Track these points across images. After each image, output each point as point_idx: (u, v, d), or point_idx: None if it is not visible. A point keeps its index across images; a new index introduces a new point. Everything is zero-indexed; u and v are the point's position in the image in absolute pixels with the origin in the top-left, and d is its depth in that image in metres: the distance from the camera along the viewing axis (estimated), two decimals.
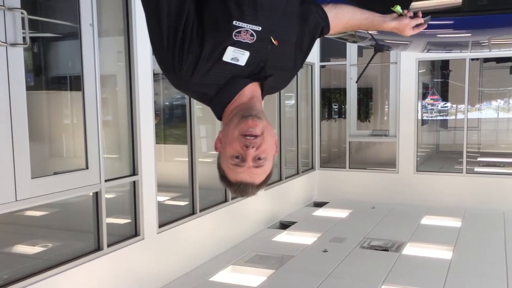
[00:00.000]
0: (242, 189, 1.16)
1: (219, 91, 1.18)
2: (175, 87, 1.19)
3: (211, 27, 1.11)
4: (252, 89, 1.20)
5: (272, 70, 1.24)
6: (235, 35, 1.12)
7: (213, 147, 1.22)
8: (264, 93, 1.24)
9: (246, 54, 1.14)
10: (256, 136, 1.11)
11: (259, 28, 1.15)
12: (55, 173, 3.89)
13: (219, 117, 1.23)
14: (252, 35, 1.14)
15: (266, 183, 1.20)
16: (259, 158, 1.13)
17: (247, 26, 1.14)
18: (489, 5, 2.58)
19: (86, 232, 4.31)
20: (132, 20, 4.47)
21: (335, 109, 10.37)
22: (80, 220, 4.39)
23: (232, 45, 1.13)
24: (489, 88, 12.59)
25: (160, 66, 1.15)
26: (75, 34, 3.97)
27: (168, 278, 5.02)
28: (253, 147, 1.11)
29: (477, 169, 9.17)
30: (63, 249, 4.20)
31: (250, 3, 1.14)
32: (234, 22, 1.12)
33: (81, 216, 4.38)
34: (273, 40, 1.20)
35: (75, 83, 4.16)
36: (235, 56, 1.13)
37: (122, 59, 4.56)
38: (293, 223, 7.31)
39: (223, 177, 1.18)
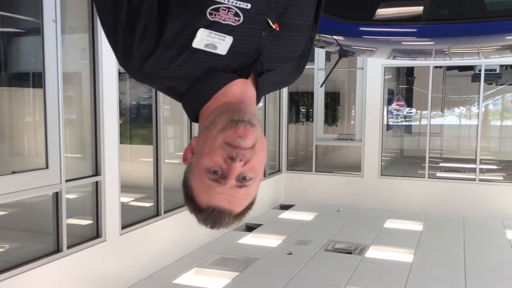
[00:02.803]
0: (215, 218, 0.88)
1: (191, 86, 0.90)
2: (131, 76, 0.91)
3: (177, 1, 0.83)
4: (242, 87, 0.92)
5: (272, 63, 0.95)
6: (210, 14, 0.83)
7: (182, 157, 0.94)
8: (260, 92, 0.95)
9: (228, 40, 0.85)
10: (245, 148, 0.84)
11: (247, 6, 0.85)
12: (13, 172, 3.78)
13: (193, 118, 0.95)
14: (237, 14, 0.84)
15: (246, 212, 0.93)
16: (244, 178, 0.86)
17: (229, 2, 0.83)
18: (449, 15, 2.66)
19: (45, 233, 4.20)
20: (97, 17, 4.39)
21: (303, 113, 10.46)
22: (40, 220, 4.28)
23: (207, 27, 0.83)
24: (452, 96, 12.95)
25: (113, 50, 0.88)
26: (38, 30, 3.88)
27: (130, 280, 4.95)
28: (240, 160, 0.83)
29: (439, 174, 9.41)
30: (21, 250, 4.08)
31: None
32: None
33: (41, 217, 4.26)
34: (271, 24, 0.89)
35: (38, 80, 4.06)
36: (211, 42, 0.84)
37: (86, 56, 4.47)
38: (258, 225, 7.32)
39: (190, 198, 0.90)
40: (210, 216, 0.88)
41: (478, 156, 8.37)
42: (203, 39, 0.84)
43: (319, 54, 8.94)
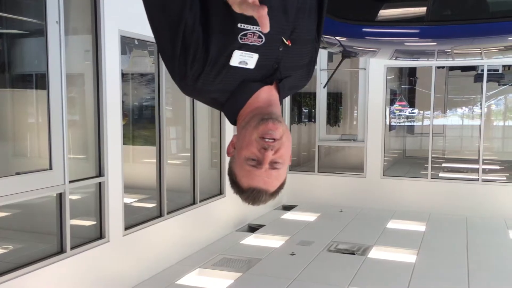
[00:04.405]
0: (255, 196, 1.12)
1: (230, 96, 1.15)
2: (184, 93, 1.15)
3: (215, 31, 1.07)
4: (268, 93, 1.17)
5: (288, 71, 1.20)
6: (241, 38, 1.08)
7: (226, 152, 1.19)
8: (282, 95, 1.20)
9: (255, 56, 1.10)
10: (275, 140, 1.08)
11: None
12: (17, 173, 3.79)
13: (233, 122, 1.20)
14: (260, 37, 1.09)
15: (279, 192, 1.16)
16: (276, 163, 1.10)
17: (253, 28, 1.08)
18: (452, 16, 2.66)
19: (49, 234, 4.21)
20: (100, 19, 4.41)
21: (305, 113, 10.46)
22: (43, 221, 4.29)
23: (239, 49, 1.09)
24: (454, 96, 12.93)
25: (169, 73, 1.12)
26: (41, 31, 3.89)
27: (133, 281, 4.96)
28: (271, 150, 1.08)
29: (441, 174, 9.40)
30: (25, 251, 4.09)
31: None
32: (238, 25, 1.07)
33: (44, 218, 4.28)
34: (285, 41, 1.15)
35: (41, 81, 4.07)
36: (243, 59, 1.09)
37: (89, 58, 4.49)
38: (261, 226, 7.32)
39: (235, 182, 1.15)
40: (251, 195, 1.13)
41: (481, 157, 8.36)
42: (237, 58, 1.09)
43: (321, 55, 8.94)
